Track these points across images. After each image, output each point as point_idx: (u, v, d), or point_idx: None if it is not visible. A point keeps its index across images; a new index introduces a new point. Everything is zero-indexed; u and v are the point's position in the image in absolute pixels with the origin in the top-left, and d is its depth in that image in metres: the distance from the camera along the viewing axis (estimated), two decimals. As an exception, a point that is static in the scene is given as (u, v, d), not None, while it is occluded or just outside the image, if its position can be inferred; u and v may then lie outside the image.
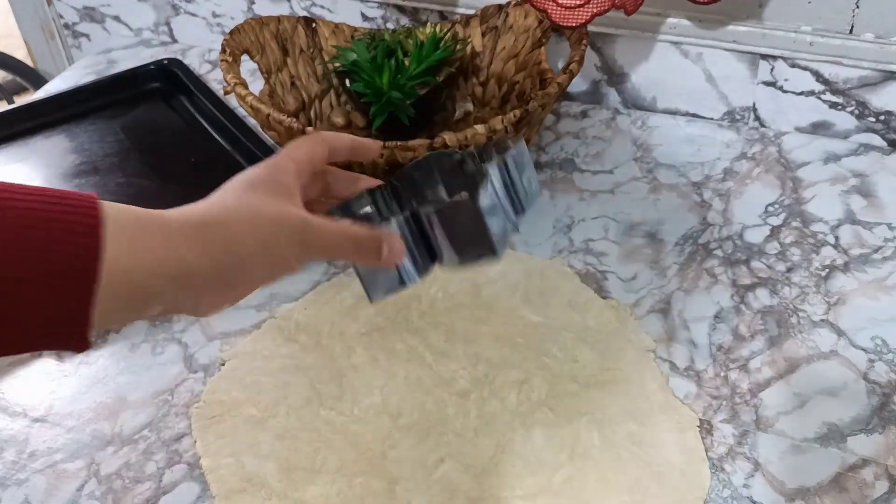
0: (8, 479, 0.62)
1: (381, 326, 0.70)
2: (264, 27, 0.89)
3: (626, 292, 0.73)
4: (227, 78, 0.80)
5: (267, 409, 0.65)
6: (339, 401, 0.65)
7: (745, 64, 0.89)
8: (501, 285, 0.74)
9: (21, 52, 1.45)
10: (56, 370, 0.70)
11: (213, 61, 1.08)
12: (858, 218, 0.79)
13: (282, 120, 0.76)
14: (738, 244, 0.77)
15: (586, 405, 0.63)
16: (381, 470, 0.60)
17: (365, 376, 0.67)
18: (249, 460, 0.61)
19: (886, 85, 0.85)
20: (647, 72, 0.93)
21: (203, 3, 1.09)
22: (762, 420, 0.63)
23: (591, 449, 0.61)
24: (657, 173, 0.86)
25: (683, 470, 0.59)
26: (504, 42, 0.92)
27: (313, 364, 0.68)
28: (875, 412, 0.63)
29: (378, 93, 0.85)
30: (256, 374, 0.68)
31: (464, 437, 0.62)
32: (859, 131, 0.88)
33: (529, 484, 0.59)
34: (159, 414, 0.66)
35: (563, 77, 0.80)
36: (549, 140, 0.91)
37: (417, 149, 0.75)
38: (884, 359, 0.67)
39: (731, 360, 0.67)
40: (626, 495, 0.58)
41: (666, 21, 0.89)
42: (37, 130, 0.95)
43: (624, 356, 0.67)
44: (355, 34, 0.92)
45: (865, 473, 0.59)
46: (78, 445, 0.64)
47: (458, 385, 0.66)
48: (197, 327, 0.73)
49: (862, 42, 0.83)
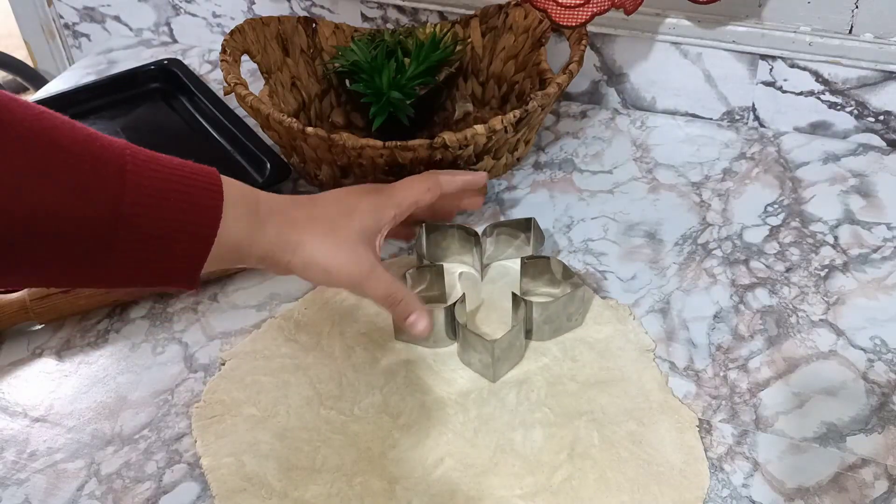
0: (8, 479, 0.62)
1: (381, 326, 0.70)
2: (264, 27, 0.89)
3: (626, 292, 0.73)
4: (227, 78, 0.81)
5: (267, 408, 0.65)
6: (339, 400, 0.65)
7: (745, 64, 0.89)
8: (501, 284, 0.74)
9: (21, 53, 1.45)
10: (56, 370, 0.70)
11: (213, 61, 1.09)
12: (857, 218, 0.79)
13: (282, 120, 0.77)
14: (738, 244, 0.77)
15: (586, 405, 0.64)
16: (381, 469, 0.60)
17: (365, 376, 0.67)
18: (249, 460, 0.61)
19: (886, 85, 0.85)
20: (647, 72, 0.93)
21: (203, 3, 1.09)
22: (761, 420, 0.63)
23: (590, 448, 0.61)
24: (656, 173, 0.86)
25: (682, 469, 0.59)
26: (504, 42, 0.92)
27: (313, 364, 0.68)
28: (874, 412, 0.63)
29: (378, 93, 0.85)
30: (256, 373, 0.68)
31: (463, 437, 0.62)
32: (858, 131, 0.88)
33: (529, 483, 0.59)
34: (159, 414, 0.66)
35: (562, 77, 0.80)
36: (548, 140, 0.91)
37: (417, 149, 0.75)
38: (883, 359, 0.67)
39: (731, 359, 0.67)
40: (625, 495, 0.58)
41: (665, 21, 0.89)
42: (37, 130, 0.95)
43: (623, 356, 0.67)
44: (355, 34, 0.92)
45: (865, 473, 0.59)
46: (78, 445, 0.64)
47: (458, 385, 0.66)
48: (197, 327, 0.73)
49: (861, 42, 0.83)
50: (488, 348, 0.64)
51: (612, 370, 0.66)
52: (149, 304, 0.75)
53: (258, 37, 0.88)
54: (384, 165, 0.78)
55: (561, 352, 0.68)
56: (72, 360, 0.71)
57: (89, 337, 0.73)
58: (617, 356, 0.67)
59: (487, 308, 0.72)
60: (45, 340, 0.73)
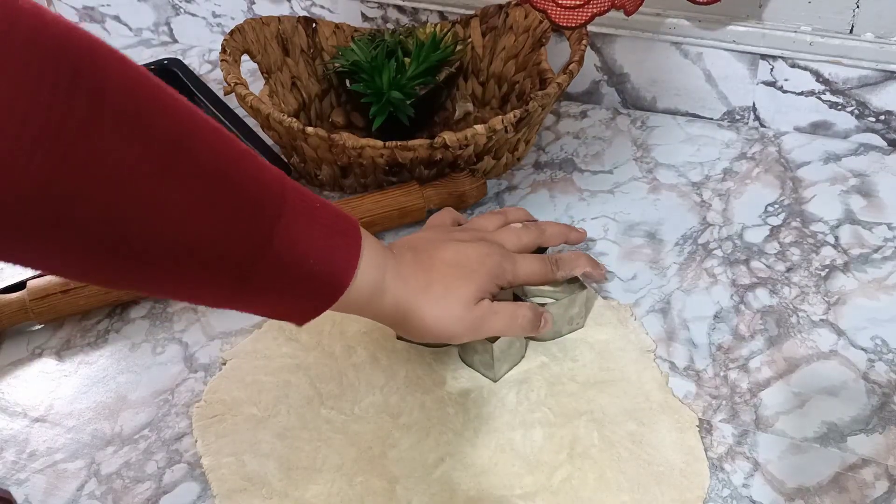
0: (8, 479, 0.62)
1: (381, 326, 0.70)
2: (264, 27, 0.89)
3: (626, 292, 0.73)
4: (227, 78, 0.81)
5: (268, 408, 0.65)
6: (340, 400, 0.65)
7: (745, 64, 0.89)
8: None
9: (21, 53, 1.45)
10: (56, 370, 0.70)
11: (213, 61, 1.09)
12: (858, 218, 0.79)
13: (282, 120, 0.77)
14: (738, 244, 0.77)
15: (585, 405, 0.64)
16: (382, 469, 0.60)
17: (365, 375, 0.67)
18: (250, 459, 0.61)
19: (886, 85, 0.85)
20: (647, 72, 0.93)
21: (203, 3, 1.09)
22: (762, 420, 0.63)
23: (590, 448, 0.61)
24: (657, 173, 0.86)
25: (683, 469, 0.59)
26: (504, 42, 0.92)
27: (314, 363, 0.68)
28: (875, 412, 0.63)
29: (378, 93, 0.85)
30: (257, 373, 0.68)
31: (463, 437, 0.62)
32: (859, 131, 0.88)
33: (528, 483, 0.59)
34: (159, 414, 0.66)
35: (562, 77, 0.80)
36: (548, 140, 0.91)
37: (417, 149, 0.75)
38: (884, 359, 0.67)
39: (731, 359, 0.67)
40: (625, 494, 0.58)
41: (666, 21, 0.89)
42: (37, 130, 0.95)
43: (624, 356, 0.67)
44: (355, 34, 0.92)
45: (865, 473, 0.59)
46: (78, 445, 0.64)
47: (459, 384, 0.66)
48: (197, 327, 0.73)
49: (862, 42, 0.83)
50: (488, 348, 0.64)
51: (613, 370, 0.66)
52: (149, 304, 0.75)
53: (258, 37, 0.88)
54: (384, 165, 0.78)
55: (561, 352, 0.68)
56: (72, 360, 0.71)
57: (89, 337, 0.73)
58: (617, 357, 0.67)
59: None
60: (45, 340, 0.73)
